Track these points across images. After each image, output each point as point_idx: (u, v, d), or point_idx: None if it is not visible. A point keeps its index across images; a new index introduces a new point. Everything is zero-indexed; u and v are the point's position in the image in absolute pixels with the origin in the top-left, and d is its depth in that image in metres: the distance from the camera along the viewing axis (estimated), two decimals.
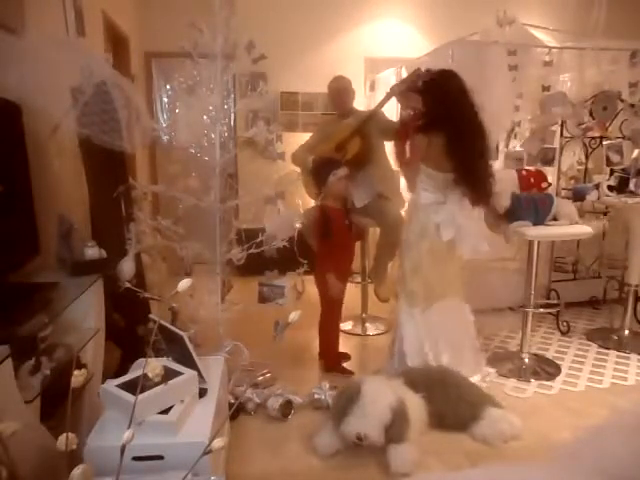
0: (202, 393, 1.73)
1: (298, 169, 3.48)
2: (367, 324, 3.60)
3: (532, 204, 2.91)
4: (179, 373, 1.66)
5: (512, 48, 3.33)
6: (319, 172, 2.88)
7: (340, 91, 3.34)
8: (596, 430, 1.49)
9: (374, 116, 3.24)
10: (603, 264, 3.87)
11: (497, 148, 3.54)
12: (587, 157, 3.72)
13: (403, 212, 3.41)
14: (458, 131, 2.48)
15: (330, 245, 2.78)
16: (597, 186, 3.38)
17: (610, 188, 3.35)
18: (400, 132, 2.86)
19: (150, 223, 2.39)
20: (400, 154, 2.80)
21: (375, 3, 5.01)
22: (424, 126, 2.57)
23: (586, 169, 3.74)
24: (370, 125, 3.21)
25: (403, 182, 3.64)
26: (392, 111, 3.81)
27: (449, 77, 2.56)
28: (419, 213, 2.64)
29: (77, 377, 1.07)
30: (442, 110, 2.51)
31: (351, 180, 3.01)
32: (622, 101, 3.54)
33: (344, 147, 3.18)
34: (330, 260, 2.78)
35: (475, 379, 2.64)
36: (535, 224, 2.85)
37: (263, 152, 2.58)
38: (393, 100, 4.08)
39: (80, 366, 1.42)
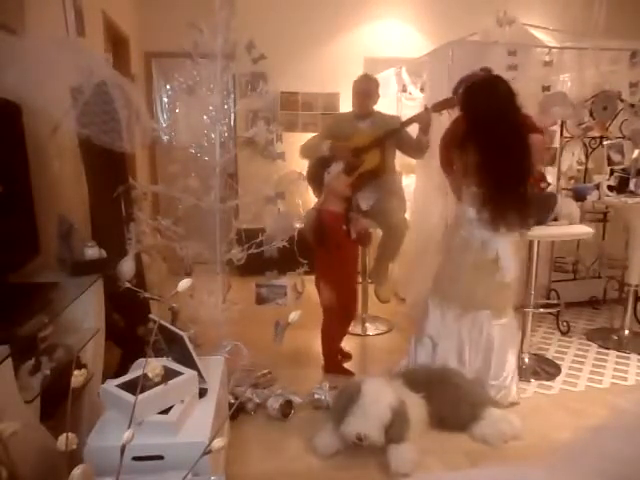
0: (202, 393, 1.73)
1: (298, 169, 3.46)
2: (367, 324, 3.60)
3: None
4: (179, 373, 1.66)
5: (512, 48, 3.32)
6: (313, 174, 2.82)
7: (362, 93, 3.22)
8: (596, 430, 1.49)
9: (397, 133, 3.16)
10: (603, 264, 3.87)
11: None
12: (587, 157, 3.71)
13: (407, 215, 3.42)
14: (492, 147, 2.31)
15: (328, 251, 2.71)
16: (597, 186, 3.37)
17: (610, 188, 3.35)
18: (445, 141, 2.76)
19: (150, 223, 2.40)
20: (446, 165, 2.68)
21: (375, 3, 5.02)
22: (461, 139, 2.43)
23: (586, 169, 3.73)
24: (391, 140, 3.16)
25: (404, 183, 3.65)
26: (393, 111, 3.82)
27: (490, 85, 2.39)
28: (463, 227, 2.49)
29: (77, 377, 1.07)
30: (479, 123, 2.35)
31: (361, 188, 2.98)
32: (622, 101, 3.54)
33: (361, 155, 3.08)
34: (329, 265, 2.75)
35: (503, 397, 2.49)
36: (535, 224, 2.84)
37: (263, 152, 2.56)
38: (395, 103, 4.11)
39: (80, 366, 1.41)
